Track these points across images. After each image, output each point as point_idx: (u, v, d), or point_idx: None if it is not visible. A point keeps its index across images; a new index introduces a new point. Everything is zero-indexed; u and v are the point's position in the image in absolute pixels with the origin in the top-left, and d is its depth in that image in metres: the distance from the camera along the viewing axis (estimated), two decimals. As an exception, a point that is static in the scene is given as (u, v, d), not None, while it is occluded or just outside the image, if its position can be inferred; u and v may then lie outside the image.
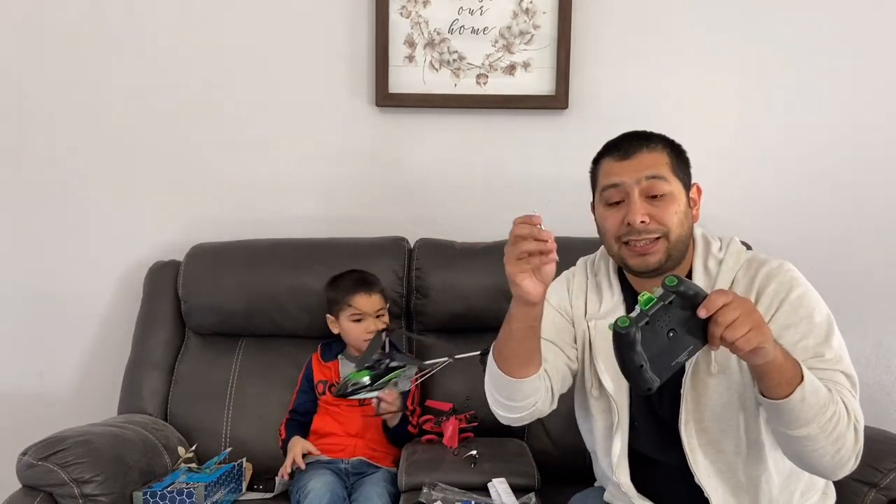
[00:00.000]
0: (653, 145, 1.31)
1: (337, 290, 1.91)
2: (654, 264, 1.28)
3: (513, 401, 1.31)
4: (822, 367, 1.21)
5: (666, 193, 1.28)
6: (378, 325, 1.88)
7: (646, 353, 1.05)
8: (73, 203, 2.20)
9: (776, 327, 1.23)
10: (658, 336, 1.05)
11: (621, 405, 1.35)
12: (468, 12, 2.13)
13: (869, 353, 2.22)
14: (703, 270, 1.34)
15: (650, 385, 1.06)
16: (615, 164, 1.31)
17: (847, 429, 1.15)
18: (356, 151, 2.21)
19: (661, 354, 1.06)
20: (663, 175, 1.28)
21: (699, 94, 2.17)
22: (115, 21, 2.15)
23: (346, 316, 1.88)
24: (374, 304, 1.89)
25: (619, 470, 1.36)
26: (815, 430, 1.12)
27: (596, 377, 1.38)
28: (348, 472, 1.81)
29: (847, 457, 1.17)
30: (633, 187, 1.28)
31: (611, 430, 1.38)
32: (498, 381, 1.30)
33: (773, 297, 1.27)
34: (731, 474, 1.31)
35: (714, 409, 1.30)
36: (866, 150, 2.19)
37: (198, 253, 2.07)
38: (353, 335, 1.89)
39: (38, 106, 2.17)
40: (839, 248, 2.20)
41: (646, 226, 1.26)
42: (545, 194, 2.21)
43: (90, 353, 2.25)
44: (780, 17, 2.15)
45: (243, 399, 1.97)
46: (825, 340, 1.24)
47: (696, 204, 1.35)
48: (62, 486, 1.55)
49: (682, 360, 1.07)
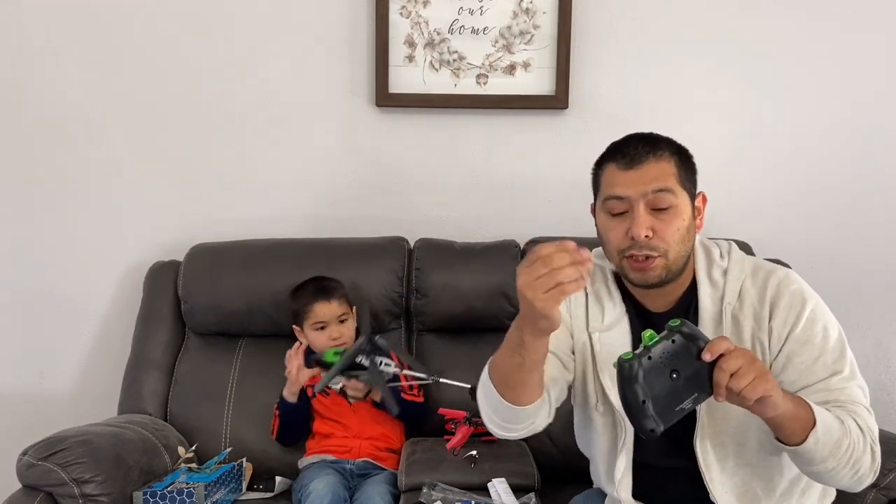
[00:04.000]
0: (660, 153, 1.25)
1: (298, 300, 1.91)
2: (654, 279, 1.26)
3: (512, 423, 1.28)
4: (841, 385, 1.23)
5: (671, 206, 1.23)
6: (342, 331, 1.88)
7: (649, 391, 1.04)
8: (73, 203, 2.20)
9: (794, 344, 1.24)
10: (661, 374, 1.05)
11: (627, 422, 1.30)
12: (468, 12, 2.13)
13: (869, 353, 2.22)
14: (707, 282, 1.31)
15: (653, 427, 1.06)
16: (620, 173, 1.25)
17: (863, 453, 1.18)
18: (356, 151, 2.21)
19: (664, 396, 1.05)
20: (670, 188, 1.23)
21: (699, 94, 2.17)
22: (114, 21, 2.15)
23: (308, 325, 1.88)
24: (335, 311, 1.88)
25: (622, 486, 1.33)
26: (832, 464, 1.15)
27: (602, 393, 1.34)
28: (353, 472, 1.81)
29: (865, 474, 1.20)
30: (639, 201, 1.23)
31: (615, 446, 1.35)
32: (498, 407, 1.25)
33: (788, 311, 1.26)
34: (746, 488, 1.30)
35: (730, 424, 1.28)
36: (867, 151, 2.19)
37: (198, 253, 2.07)
38: (318, 344, 1.87)
39: (38, 107, 2.17)
40: (839, 248, 2.20)
41: (648, 241, 1.23)
42: (545, 194, 2.21)
43: (90, 353, 2.25)
44: (780, 17, 2.15)
45: (243, 399, 1.97)
46: (841, 356, 1.25)
47: (701, 213, 1.31)
48: (62, 486, 1.55)
49: (686, 408, 1.07)
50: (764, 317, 1.27)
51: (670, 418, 1.06)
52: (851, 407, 1.21)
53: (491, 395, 1.24)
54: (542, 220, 2.19)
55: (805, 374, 1.24)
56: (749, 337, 1.27)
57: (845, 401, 1.21)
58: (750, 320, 1.28)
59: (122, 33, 2.15)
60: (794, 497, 1.33)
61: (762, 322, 1.27)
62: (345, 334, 1.89)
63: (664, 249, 1.23)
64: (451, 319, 2.01)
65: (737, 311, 1.28)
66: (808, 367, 1.24)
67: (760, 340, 1.27)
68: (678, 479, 1.32)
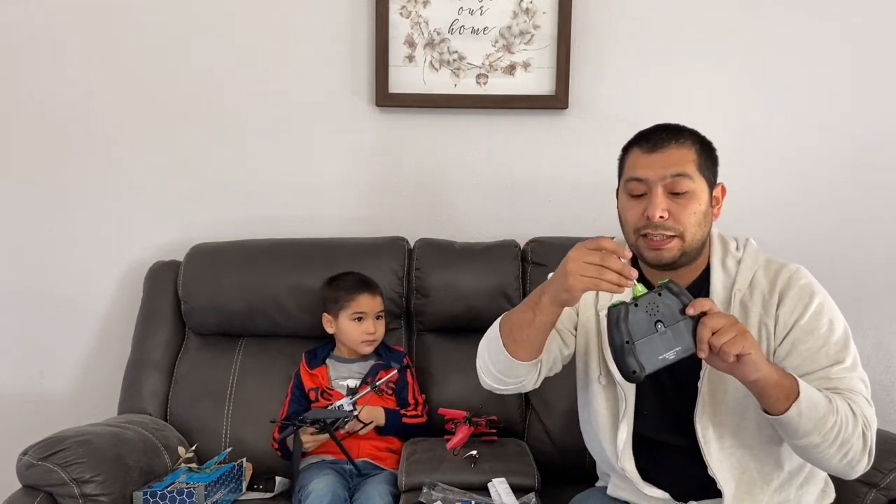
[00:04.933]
0: (682, 140, 1.31)
1: (338, 289, 1.91)
2: (668, 259, 1.30)
3: (506, 377, 1.36)
4: (842, 375, 1.26)
5: (689, 191, 1.28)
6: (378, 327, 1.90)
7: (633, 335, 1.13)
8: (74, 203, 2.20)
9: (799, 332, 1.28)
10: (646, 323, 1.14)
11: (628, 392, 1.37)
12: (468, 12, 2.13)
13: (869, 353, 2.22)
14: (721, 269, 1.36)
15: (635, 369, 1.13)
16: (642, 156, 1.31)
17: (853, 434, 1.20)
18: (356, 151, 2.21)
19: (647, 342, 1.13)
20: (688, 173, 1.29)
21: (699, 94, 2.17)
22: (114, 21, 2.15)
23: (346, 315, 1.89)
24: (377, 306, 1.91)
25: (624, 456, 1.38)
26: (816, 439, 1.18)
27: (605, 366, 1.40)
28: (352, 472, 1.81)
29: (857, 459, 1.22)
30: (657, 184, 1.28)
31: (616, 418, 1.39)
32: (499, 357, 1.33)
33: (796, 302, 1.30)
34: (743, 470, 1.33)
35: (730, 403, 1.32)
36: (866, 151, 2.19)
37: (198, 253, 2.07)
38: (353, 335, 1.89)
39: (37, 106, 2.17)
40: (839, 247, 2.20)
41: (664, 221, 1.27)
42: (545, 194, 2.21)
43: (90, 353, 2.25)
44: (780, 16, 2.15)
45: (243, 399, 1.96)
46: (844, 348, 1.28)
47: (719, 203, 1.36)
48: (62, 486, 1.55)
49: (669, 358, 1.14)
50: (772, 304, 1.31)
51: (653, 365, 1.14)
52: (849, 395, 1.24)
53: (495, 344, 1.33)
54: (542, 220, 2.19)
55: (808, 361, 1.27)
56: (756, 322, 1.31)
57: (844, 389, 1.24)
58: (758, 306, 1.32)
59: (120, 32, 2.15)
60: (793, 489, 1.35)
61: (770, 309, 1.31)
62: (378, 331, 1.91)
63: (680, 231, 1.28)
64: (451, 319, 2.01)
65: (746, 298, 1.33)
66: (811, 354, 1.27)
67: (766, 326, 1.31)
68: (679, 457, 1.36)
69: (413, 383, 1.93)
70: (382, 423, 1.85)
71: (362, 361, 1.93)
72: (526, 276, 2.01)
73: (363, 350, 1.91)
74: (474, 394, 1.79)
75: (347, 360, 1.94)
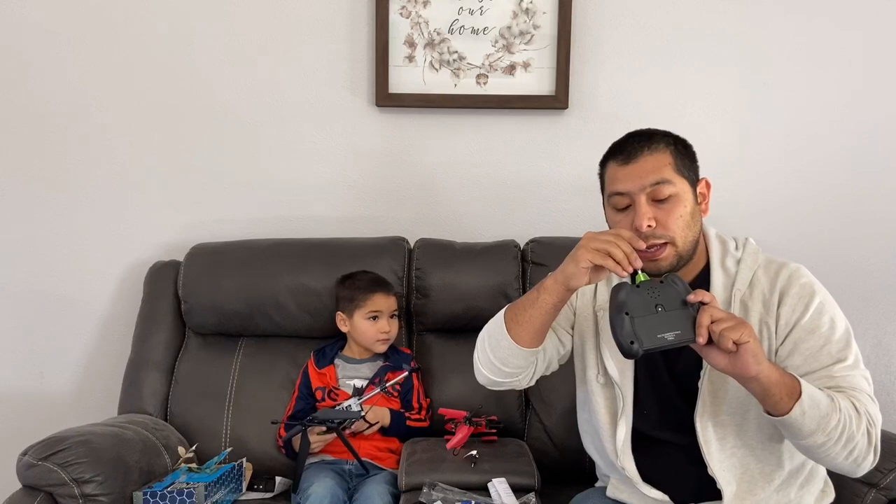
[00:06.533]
0: (654, 146, 1.30)
1: (353, 287, 1.92)
2: (666, 269, 1.29)
3: (505, 365, 1.36)
4: (844, 373, 1.26)
5: (671, 195, 1.28)
6: (392, 326, 1.91)
7: (632, 311, 1.16)
8: (74, 203, 2.20)
9: (801, 331, 1.28)
10: (646, 302, 1.17)
11: (626, 390, 1.37)
12: (468, 12, 2.13)
13: (869, 353, 2.22)
14: (721, 269, 1.35)
15: (633, 340, 1.14)
16: (619, 168, 1.31)
17: (857, 432, 1.20)
18: (356, 151, 2.20)
19: (647, 319, 1.16)
20: (667, 178, 1.28)
21: (699, 94, 2.17)
22: (114, 23, 2.15)
23: (361, 314, 1.89)
24: (392, 304, 1.92)
25: (624, 455, 1.38)
26: (821, 438, 1.18)
27: (602, 364, 1.40)
28: (352, 472, 1.81)
29: (862, 456, 1.22)
30: (639, 194, 1.28)
31: (615, 416, 1.40)
32: (500, 341, 1.34)
33: (797, 301, 1.30)
34: (744, 470, 1.33)
35: (731, 403, 1.32)
36: (867, 150, 2.19)
37: (198, 253, 2.07)
38: (368, 333, 1.89)
39: (38, 106, 2.17)
40: (839, 247, 2.20)
41: (652, 230, 1.27)
42: (545, 194, 2.21)
43: (90, 353, 2.25)
44: (779, 16, 2.15)
45: (243, 399, 1.96)
46: (846, 346, 1.28)
47: (706, 198, 1.36)
48: (62, 486, 1.55)
49: (668, 339, 1.15)
50: (773, 303, 1.31)
51: (651, 342, 1.15)
52: (852, 393, 1.23)
53: (497, 329, 1.36)
54: (542, 220, 2.20)
55: (810, 360, 1.27)
56: (757, 321, 1.31)
57: (846, 387, 1.24)
58: (759, 305, 1.32)
59: (121, 34, 2.15)
60: (793, 489, 1.35)
61: (771, 308, 1.31)
62: (393, 330, 1.92)
63: (670, 237, 1.28)
64: (451, 319, 2.01)
65: (746, 298, 1.33)
66: (812, 353, 1.27)
67: (768, 325, 1.31)
68: (679, 456, 1.36)
69: (419, 387, 1.93)
70: (388, 424, 1.85)
71: (371, 362, 1.93)
72: (526, 276, 2.01)
73: (378, 349, 1.91)
74: (474, 394, 1.79)
75: (356, 360, 1.94)
